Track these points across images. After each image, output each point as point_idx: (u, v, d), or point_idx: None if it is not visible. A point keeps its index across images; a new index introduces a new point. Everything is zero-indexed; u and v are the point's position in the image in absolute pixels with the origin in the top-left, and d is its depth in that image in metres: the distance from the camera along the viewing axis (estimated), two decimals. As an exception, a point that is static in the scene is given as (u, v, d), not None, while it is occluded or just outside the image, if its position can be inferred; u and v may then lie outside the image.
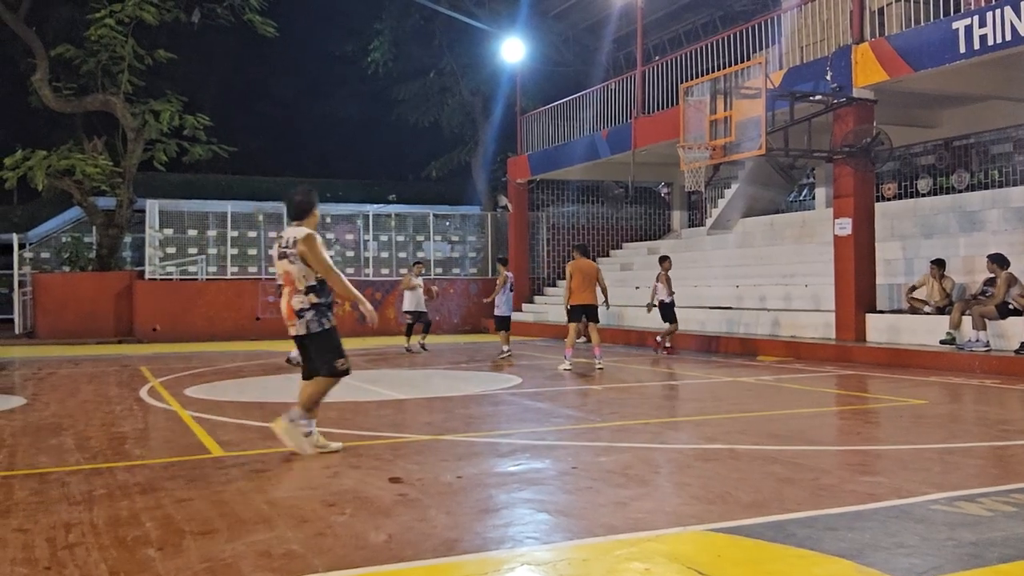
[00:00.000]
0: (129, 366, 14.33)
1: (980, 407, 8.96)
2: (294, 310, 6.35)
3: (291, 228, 6.44)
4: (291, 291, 6.33)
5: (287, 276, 6.33)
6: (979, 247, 14.08)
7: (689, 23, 24.55)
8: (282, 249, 6.33)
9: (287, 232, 6.40)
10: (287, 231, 6.42)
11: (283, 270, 6.35)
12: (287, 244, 6.30)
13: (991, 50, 11.82)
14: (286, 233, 6.40)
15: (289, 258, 6.28)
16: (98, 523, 4.60)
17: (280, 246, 6.36)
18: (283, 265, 6.32)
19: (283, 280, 6.39)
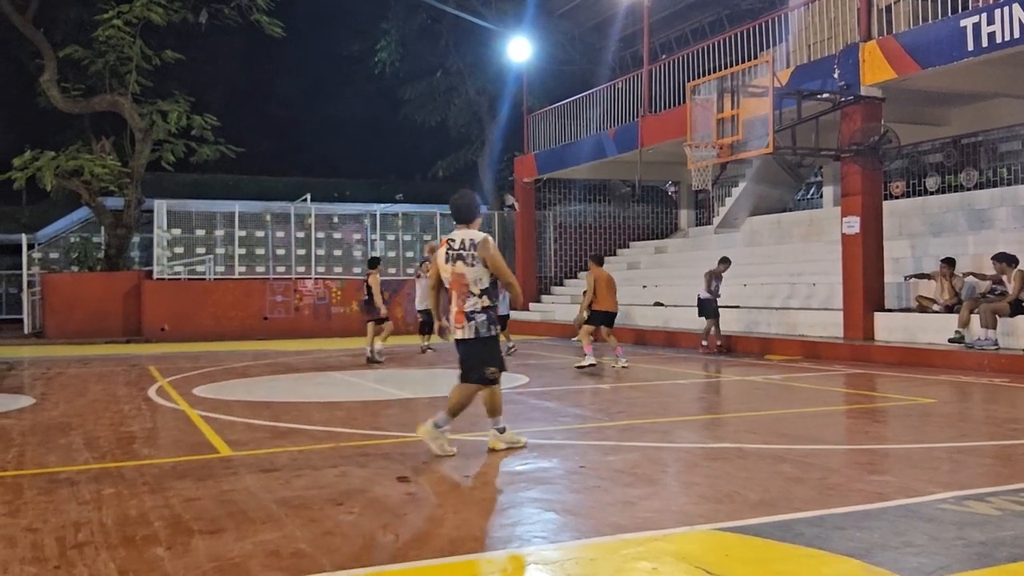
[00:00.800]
0: (137, 366, 14.37)
1: (989, 406, 8.93)
2: (464, 312, 6.24)
3: (461, 231, 6.35)
4: (461, 294, 6.23)
5: (459, 278, 6.23)
6: (988, 245, 14.03)
7: (696, 21, 24.53)
8: (456, 251, 6.23)
9: (457, 234, 6.32)
10: (457, 233, 6.33)
11: (456, 272, 6.24)
12: (463, 246, 6.23)
13: (999, 47, 11.78)
14: (456, 235, 6.31)
15: (466, 260, 6.20)
16: (107, 522, 4.61)
17: (452, 248, 6.26)
18: (457, 267, 6.22)
19: (451, 282, 6.29)
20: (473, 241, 6.24)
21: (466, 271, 6.23)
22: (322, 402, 9.69)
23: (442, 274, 6.35)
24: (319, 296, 22.97)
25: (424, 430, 6.34)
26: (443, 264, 6.32)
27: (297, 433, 7.48)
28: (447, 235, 6.44)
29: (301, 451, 6.59)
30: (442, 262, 6.33)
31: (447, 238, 6.38)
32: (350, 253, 23.96)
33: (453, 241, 6.31)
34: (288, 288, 22.76)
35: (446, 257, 6.29)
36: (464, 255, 6.23)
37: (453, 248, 6.28)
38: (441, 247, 6.37)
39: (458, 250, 6.25)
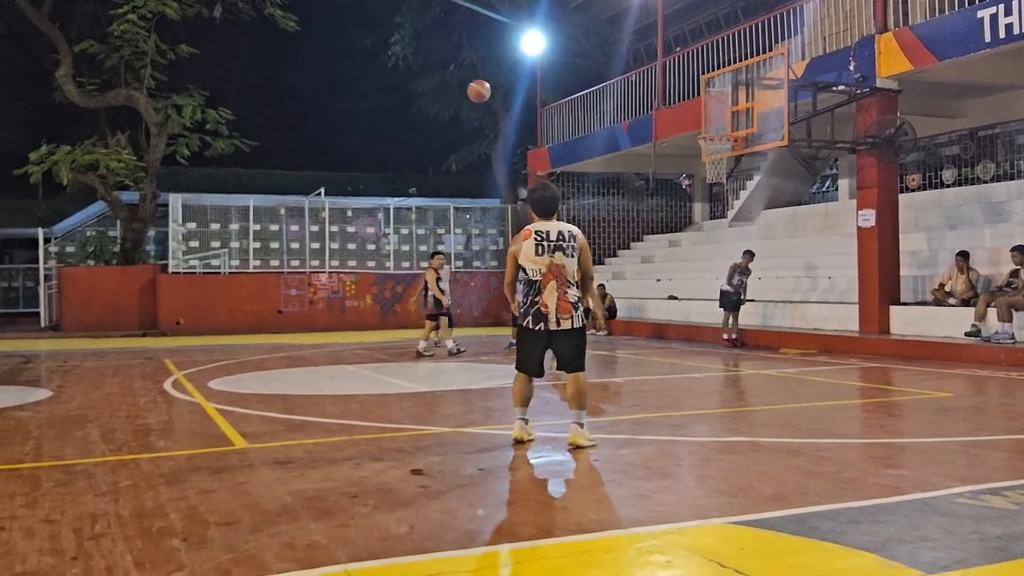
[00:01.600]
0: (153, 359, 14.45)
1: (1006, 399, 8.88)
2: (571, 302, 6.26)
3: (551, 223, 6.36)
4: (561, 284, 6.23)
5: (560, 269, 6.22)
6: (1005, 238, 13.93)
7: (710, 14, 24.39)
8: (555, 243, 6.22)
9: (551, 226, 6.31)
10: (551, 225, 6.32)
11: (556, 263, 6.21)
12: (561, 238, 6.24)
13: (1016, 39, 11.68)
14: (548, 227, 6.29)
15: (566, 252, 6.23)
16: (123, 514, 4.64)
17: (548, 240, 6.23)
18: (558, 258, 6.21)
19: (550, 273, 6.22)
20: (572, 234, 6.30)
21: (567, 262, 6.23)
22: (336, 395, 9.72)
23: (531, 265, 6.25)
24: (333, 290, 23.03)
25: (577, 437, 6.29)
26: (534, 256, 6.23)
27: (312, 426, 7.51)
28: (534, 225, 6.35)
29: (316, 444, 6.61)
30: (532, 253, 6.23)
31: (534, 230, 6.29)
32: (364, 247, 24.00)
33: (548, 232, 6.26)
34: (302, 282, 22.82)
35: (539, 249, 6.22)
36: (564, 247, 6.23)
37: (549, 240, 6.23)
38: (527, 239, 6.27)
39: (556, 241, 6.23)
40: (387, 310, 23.48)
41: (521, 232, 6.39)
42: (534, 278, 6.25)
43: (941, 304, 13.39)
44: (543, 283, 6.22)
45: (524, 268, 6.29)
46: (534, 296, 6.27)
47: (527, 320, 6.32)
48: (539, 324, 6.26)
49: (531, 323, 6.30)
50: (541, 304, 6.23)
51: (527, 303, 6.31)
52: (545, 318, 6.24)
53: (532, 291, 6.28)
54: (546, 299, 6.21)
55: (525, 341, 6.44)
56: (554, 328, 6.25)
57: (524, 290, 6.36)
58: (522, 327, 6.40)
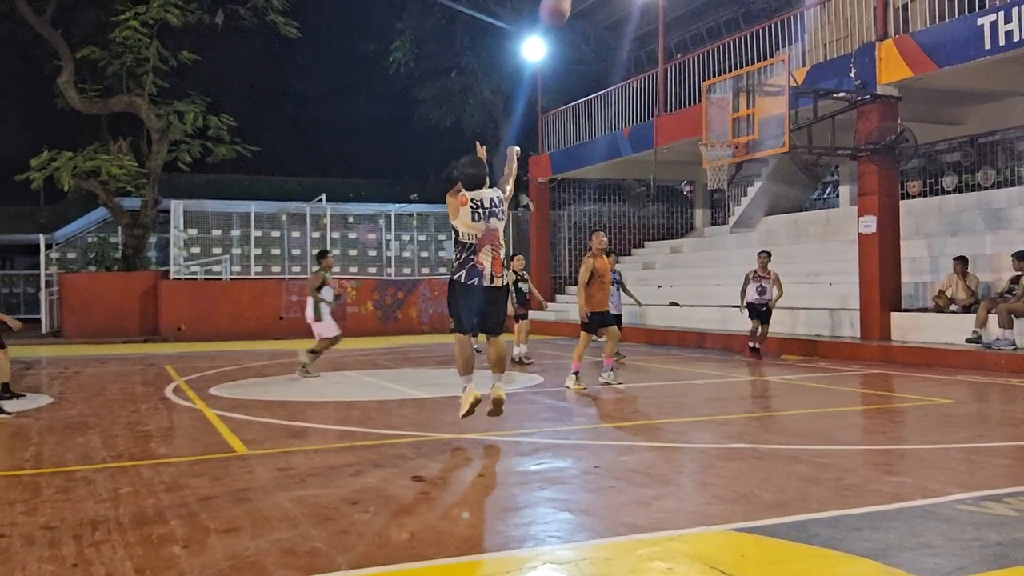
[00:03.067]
0: (154, 365, 14.45)
1: (1007, 406, 8.87)
2: (501, 262, 6.78)
3: (483, 191, 6.74)
4: (495, 247, 6.72)
5: (494, 233, 6.71)
6: (1006, 245, 13.93)
7: (711, 21, 24.44)
8: (490, 209, 6.68)
9: (483, 194, 6.71)
10: (483, 193, 6.73)
11: (491, 227, 6.69)
12: (494, 204, 6.72)
13: (1016, 46, 11.69)
14: (482, 195, 6.70)
15: (498, 216, 6.73)
16: (124, 521, 4.64)
17: (485, 207, 6.66)
18: (492, 223, 6.70)
19: (486, 239, 6.69)
20: (501, 198, 6.81)
21: (499, 226, 6.77)
22: (337, 401, 9.72)
23: (467, 229, 6.65)
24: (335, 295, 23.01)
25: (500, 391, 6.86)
26: (471, 222, 6.63)
27: (313, 432, 7.51)
28: (468, 194, 6.70)
29: (317, 450, 6.61)
30: (469, 220, 6.63)
31: (469, 197, 6.67)
32: (365, 253, 24.00)
33: (481, 201, 6.68)
34: (304, 288, 22.80)
35: (475, 216, 6.63)
36: (496, 211, 6.73)
37: (484, 207, 6.67)
38: (464, 205, 6.64)
39: (489, 208, 6.69)
40: (388, 316, 23.47)
41: (460, 195, 6.70)
42: (470, 241, 6.69)
43: (942, 311, 13.39)
44: (479, 246, 6.68)
45: (458, 231, 6.71)
46: (470, 254, 6.68)
47: (461, 275, 6.69)
48: (473, 279, 6.67)
49: (464, 278, 6.68)
50: (477, 262, 6.67)
51: (462, 260, 6.71)
52: (480, 274, 6.67)
53: (465, 250, 6.70)
54: (482, 259, 6.68)
55: (460, 298, 6.78)
56: (487, 284, 6.69)
57: (458, 251, 6.75)
58: (457, 283, 6.74)
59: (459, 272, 6.72)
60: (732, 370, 12.57)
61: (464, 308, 6.78)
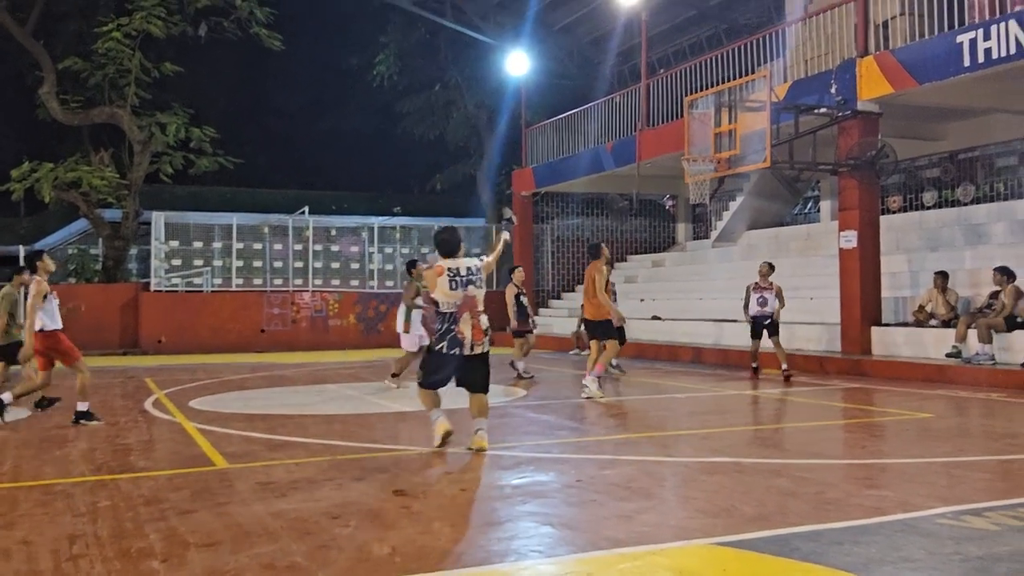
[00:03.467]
0: (134, 378, 14.34)
1: (986, 420, 8.93)
2: (483, 329, 6.94)
3: (459, 260, 6.98)
4: (475, 313, 6.89)
5: (473, 300, 6.89)
6: (985, 260, 14.04)
7: (694, 36, 24.60)
8: (467, 277, 6.87)
9: (460, 263, 6.93)
10: (459, 262, 6.95)
11: (468, 295, 6.86)
12: (471, 272, 6.92)
13: (995, 63, 11.83)
14: (459, 264, 6.92)
15: (476, 284, 6.92)
16: (102, 535, 4.60)
17: (462, 275, 6.86)
18: (470, 291, 6.88)
19: (465, 306, 6.84)
20: (479, 267, 7.01)
21: (477, 293, 6.91)
22: (319, 415, 9.68)
23: (445, 299, 6.81)
24: (316, 308, 22.96)
25: (483, 440, 7.01)
26: (448, 291, 6.80)
27: (294, 446, 7.46)
28: (446, 262, 6.90)
29: (298, 464, 6.58)
30: (447, 289, 6.79)
31: (447, 266, 6.86)
32: (348, 266, 23.95)
33: (459, 268, 6.88)
34: (285, 300, 22.74)
35: (452, 284, 6.81)
36: (474, 279, 6.90)
37: (461, 276, 6.85)
38: (440, 275, 6.81)
39: (467, 276, 6.87)
40: (370, 329, 23.40)
41: (435, 267, 6.93)
42: (449, 310, 6.84)
43: (922, 325, 13.48)
44: (458, 314, 6.83)
45: (438, 301, 6.86)
46: (451, 324, 6.82)
47: (442, 346, 6.84)
48: (454, 349, 6.83)
49: (446, 348, 6.84)
50: (458, 332, 6.81)
51: (443, 331, 6.84)
52: (461, 344, 6.82)
53: (448, 320, 6.84)
54: (462, 328, 6.82)
55: (437, 362, 6.92)
56: (468, 353, 6.85)
57: (439, 320, 6.89)
58: (436, 351, 6.89)
59: (440, 343, 6.85)
60: (714, 384, 12.60)
61: (439, 371, 6.97)
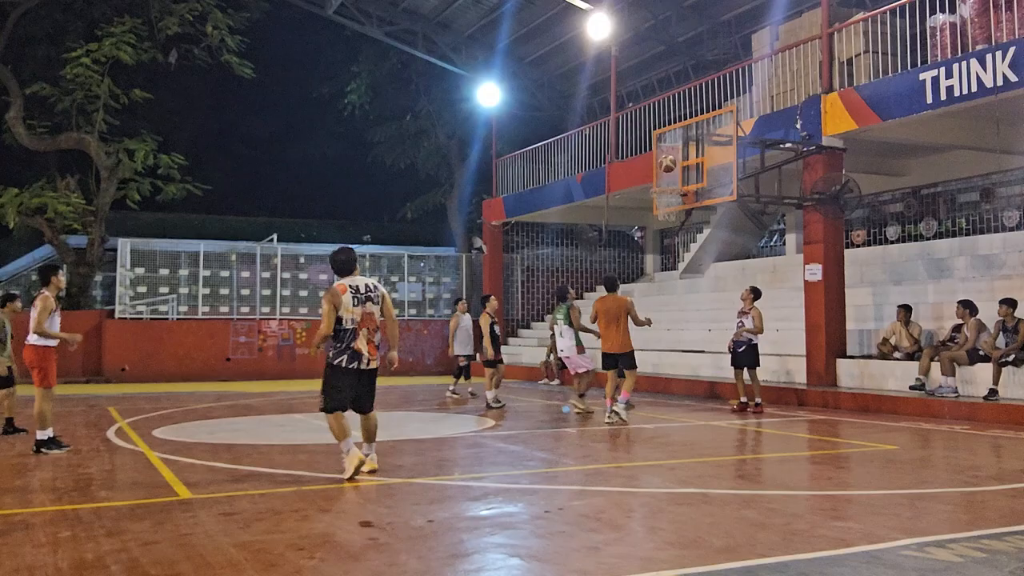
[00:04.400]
0: (97, 406, 14.13)
1: (949, 453, 9.03)
2: (376, 345, 7.24)
3: (357, 278, 7.29)
4: (371, 330, 7.20)
5: (371, 318, 7.19)
6: (948, 294, 14.27)
7: (662, 71, 24.93)
8: (368, 294, 7.19)
9: (358, 280, 7.25)
10: (358, 279, 7.27)
11: (368, 312, 7.16)
12: (370, 290, 7.24)
13: (957, 101, 12.09)
14: (358, 281, 7.23)
15: (375, 301, 7.22)
16: (62, 566, 4.51)
17: (362, 292, 7.16)
18: (369, 308, 7.17)
19: (363, 322, 7.13)
20: (376, 285, 7.37)
21: (375, 311, 7.23)
22: (285, 445, 9.58)
23: (348, 315, 7.07)
24: (283, 337, 22.80)
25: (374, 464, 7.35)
26: (351, 307, 7.08)
27: (258, 476, 7.38)
28: (345, 280, 7.22)
29: (262, 494, 6.50)
30: (350, 305, 7.08)
31: (348, 284, 7.18)
32: (316, 294, 23.83)
33: (358, 286, 7.20)
34: (252, 329, 22.55)
35: (355, 301, 7.11)
36: (372, 297, 7.23)
37: (360, 293, 7.17)
38: (344, 293, 7.10)
39: (366, 293, 7.19)
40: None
41: (335, 287, 7.18)
42: (350, 326, 7.09)
43: (887, 358, 13.64)
44: (358, 330, 7.11)
45: (341, 317, 7.08)
46: (350, 341, 7.09)
47: (342, 360, 7.09)
48: (353, 363, 7.10)
49: (345, 363, 7.09)
50: (356, 347, 7.09)
51: (342, 348, 7.10)
52: (359, 358, 7.12)
53: (348, 336, 7.09)
54: (360, 343, 7.11)
55: (338, 380, 7.14)
56: (364, 367, 7.16)
57: (338, 337, 7.12)
58: (335, 367, 7.11)
59: (339, 358, 7.09)
60: (682, 414, 12.64)
61: (341, 390, 7.15)
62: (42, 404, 8.83)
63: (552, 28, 24.37)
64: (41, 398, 8.86)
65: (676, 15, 22.63)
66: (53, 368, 9.01)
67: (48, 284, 9.12)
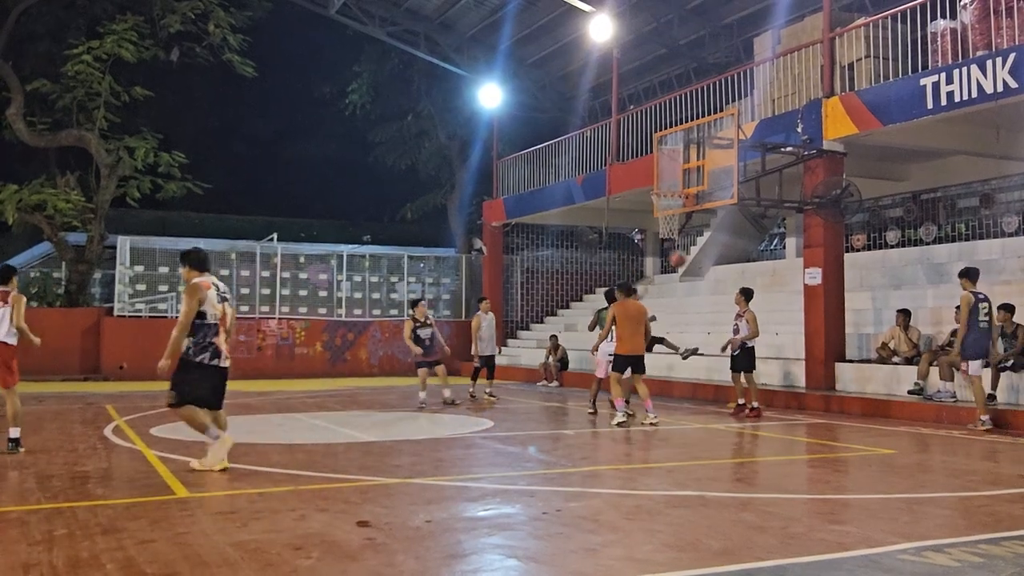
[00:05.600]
0: (94, 404, 14.11)
1: (947, 457, 9.02)
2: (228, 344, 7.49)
3: (212, 277, 7.47)
4: (226, 328, 7.42)
5: (225, 318, 7.40)
6: (947, 299, 14.25)
7: (664, 74, 24.94)
8: (223, 295, 7.43)
9: (215, 281, 7.46)
10: (213, 279, 7.45)
11: (224, 312, 7.39)
12: (227, 291, 7.53)
13: (958, 106, 12.09)
14: (216, 282, 7.44)
15: (230, 302, 7.52)
16: (57, 564, 4.50)
17: (221, 290, 7.43)
18: (225, 308, 7.41)
19: (223, 321, 7.37)
20: (227, 289, 7.60)
21: (230, 311, 7.47)
22: (282, 444, 9.57)
23: (212, 310, 7.27)
24: (283, 336, 22.78)
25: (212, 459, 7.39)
26: (216, 303, 7.31)
27: (256, 475, 7.37)
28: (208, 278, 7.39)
29: (260, 493, 6.49)
30: (215, 301, 7.31)
31: (211, 282, 7.37)
32: (316, 293, 23.81)
33: (218, 286, 7.43)
34: (251, 328, 22.54)
35: (219, 299, 7.35)
36: (228, 298, 7.52)
37: (220, 290, 7.43)
38: (209, 289, 7.28)
39: (223, 293, 7.45)
40: (337, 358, 23.25)
41: (199, 282, 7.30)
42: (212, 322, 7.27)
43: (885, 362, 13.63)
44: (219, 326, 7.32)
45: (204, 312, 7.23)
46: (212, 337, 7.26)
47: (203, 357, 7.23)
48: (216, 359, 7.29)
49: (208, 359, 7.26)
50: (216, 344, 7.29)
51: (203, 344, 7.23)
52: (219, 355, 7.32)
53: (209, 332, 7.26)
54: (220, 340, 7.31)
55: (199, 376, 7.27)
56: (222, 364, 7.37)
57: (200, 332, 7.23)
58: (198, 363, 7.22)
59: (202, 355, 7.23)
60: (681, 417, 12.63)
61: (203, 384, 7.30)
62: (13, 405, 8.76)
63: (554, 30, 24.38)
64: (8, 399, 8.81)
65: (678, 18, 22.64)
66: (16, 364, 8.99)
67: (8, 282, 9.04)
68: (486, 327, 15.23)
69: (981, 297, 10.97)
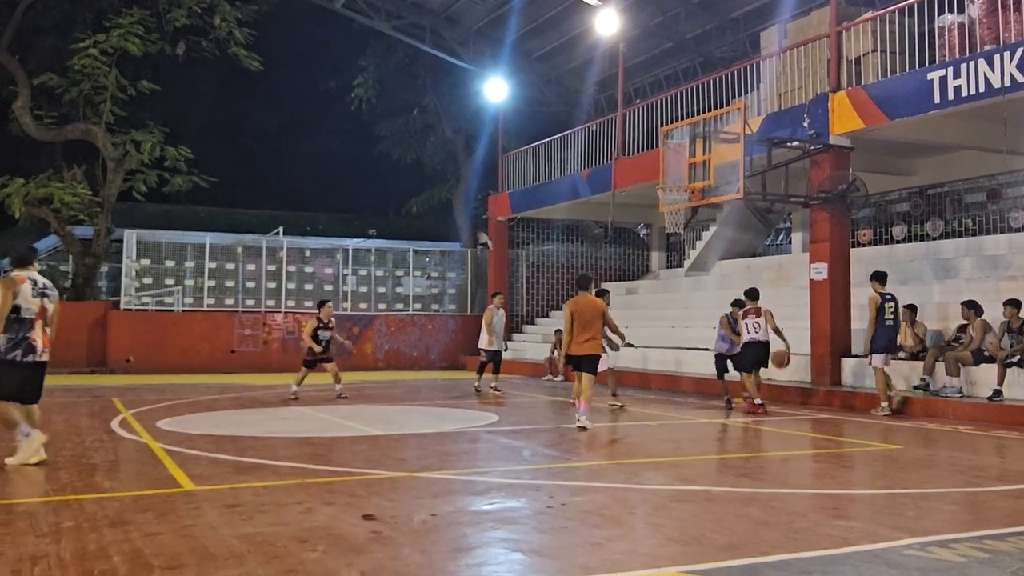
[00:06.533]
0: (101, 397, 14.16)
1: (953, 453, 9.01)
2: (49, 339, 7.47)
3: (34, 273, 7.54)
4: (46, 323, 7.42)
5: (45, 312, 7.41)
6: (953, 294, 14.23)
7: (670, 68, 24.89)
8: (42, 290, 7.44)
9: (36, 276, 7.51)
10: (36, 275, 7.52)
11: (44, 306, 7.40)
12: (47, 287, 7.52)
13: (965, 101, 12.05)
14: (36, 277, 7.49)
15: (50, 298, 7.50)
16: (65, 556, 4.52)
17: (39, 285, 7.43)
18: (45, 303, 7.42)
19: (40, 316, 7.35)
20: (51, 284, 7.63)
21: (49, 307, 7.48)
22: (289, 438, 9.60)
23: (27, 305, 7.27)
24: (288, 330, 22.81)
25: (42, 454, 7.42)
26: (31, 298, 7.31)
27: (262, 468, 7.39)
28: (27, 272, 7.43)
29: (266, 487, 6.51)
30: (30, 296, 7.30)
31: (29, 277, 7.39)
32: (321, 287, 23.83)
33: (36, 281, 7.43)
34: (257, 321, 22.58)
35: (35, 293, 7.35)
36: (48, 294, 7.50)
37: (38, 285, 7.42)
38: (24, 283, 7.30)
39: (42, 289, 7.45)
40: (342, 352, 23.25)
41: (13, 275, 7.37)
42: (28, 316, 7.28)
43: (891, 357, 13.60)
44: (34, 321, 7.31)
45: (19, 307, 7.24)
46: (27, 332, 7.26)
47: (16, 354, 7.21)
48: (29, 355, 7.27)
49: (20, 356, 7.24)
50: (32, 339, 7.28)
51: (18, 340, 7.23)
52: (35, 351, 7.30)
53: (25, 327, 7.26)
54: (36, 335, 7.31)
55: (13, 372, 7.24)
56: (40, 359, 7.37)
57: (13, 328, 7.22)
58: (8, 361, 7.20)
59: (14, 352, 7.20)
60: (686, 412, 12.63)
61: (11, 383, 7.25)
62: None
63: (560, 24, 24.32)
64: None
65: (685, 12, 22.58)
66: None
67: None
68: (497, 321, 15.24)
69: (888, 297, 12.04)
